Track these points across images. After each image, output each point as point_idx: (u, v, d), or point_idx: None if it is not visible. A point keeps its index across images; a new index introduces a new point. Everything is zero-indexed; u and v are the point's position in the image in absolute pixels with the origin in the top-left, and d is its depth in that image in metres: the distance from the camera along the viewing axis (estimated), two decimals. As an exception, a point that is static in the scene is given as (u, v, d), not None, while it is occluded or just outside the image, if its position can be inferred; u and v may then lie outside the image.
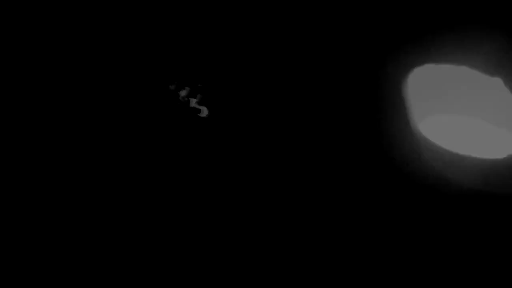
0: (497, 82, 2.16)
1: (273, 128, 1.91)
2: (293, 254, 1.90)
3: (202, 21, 2.01)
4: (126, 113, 1.89)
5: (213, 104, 1.88)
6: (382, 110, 2.10)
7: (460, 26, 2.19)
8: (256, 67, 1.97)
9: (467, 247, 1.95)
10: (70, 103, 2.00)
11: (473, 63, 2.13)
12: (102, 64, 1.96)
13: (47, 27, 2.07)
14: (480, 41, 2.14)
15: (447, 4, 2.20)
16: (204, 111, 1.87)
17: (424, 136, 2.09)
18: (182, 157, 1.86)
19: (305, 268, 1.90)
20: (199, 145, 1.86)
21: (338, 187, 1.97)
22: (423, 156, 2.03)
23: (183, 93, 1.89)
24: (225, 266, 1.89)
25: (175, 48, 1.97)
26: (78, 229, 1.90)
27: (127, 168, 1.88)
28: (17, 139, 1.97)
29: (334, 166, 1.97)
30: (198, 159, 1.86)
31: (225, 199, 1.86)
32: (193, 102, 1.88)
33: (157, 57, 1.95)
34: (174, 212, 1.88)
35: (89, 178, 1.93)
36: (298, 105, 1.96)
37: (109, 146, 1.91)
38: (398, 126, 2.07)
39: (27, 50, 2.03)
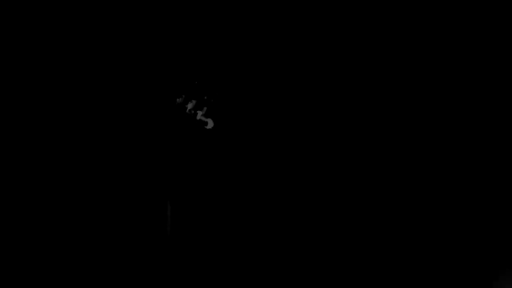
0: None
1: (275, 140, 2.04)
2: (293, 253, 1.99)
3: (207, 39, 2.06)
4: (133, 123, 2.01)
5: (218, 116, 2.01)
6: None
7: None
8: (259, 81, 2.05)
9: (467, 247, 1.98)
10: (77, 111, 2.06)
11: None
12: (113, 77, 2.03)
13: (47, 27, 2.06)
14: None
15: None
16: (210, 123, 2.02)
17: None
18: (189, 164, 2.02)
19: (305, 267, 1.98)
20: (205, 155, 2.02)
21: (338, 187, 2.04)
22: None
23: (190, 106, 2.01)
24: (225, 266, 1.98)
25: (182, 63, 2.04)
26: (78, 229, 1.96)
27: (132, 177, 2.02)
28: (17, 139, 1.99)
29: (334, 166, 2.05)
30: (204, 167, 2.02)
31: (228, 205, 2.02)
32: (199, 115, 2.01)
33: (165, 72, 2.04)
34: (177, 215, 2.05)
35: (90, 182, 2.01)
36: (298, 121, 2.07)
37: (116, 156, 2.02)
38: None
39: (27, 50, 2.04)
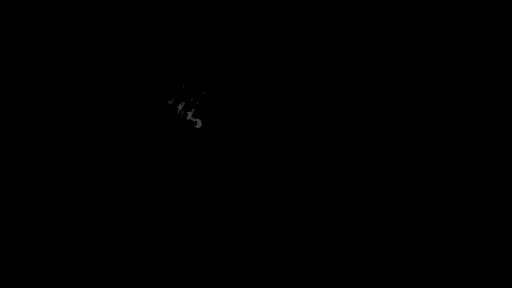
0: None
1: (262, 137, 2.21)
2: (293, 253, 2.02)
3: (198, 41, 2.23)
4: (126, 123, 2.21)
5: (206, 117, 2.20)
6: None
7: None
8: (246, 83, 2.22)
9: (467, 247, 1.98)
10: (72, 111, 2.13)
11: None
12: (105, 78, 2.23)
13: (48, 27, 2.11)
14: None
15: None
16: (199, 123, 2.20)
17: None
18: (180, 162, 2.21)
19: (305, 267, 2.01)
20: (195, 152, 2.21)
21: (338, 187, 2.07)
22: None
23: (180, 107, 2.20)
24: (225, 266, 2.02)
25: (172, 67, 2.23)
26: (78, 229, 1.99)
27: (126, 177, 2.14)
28: (17, 139, 2.02)
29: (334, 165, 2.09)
30: (194, 164, 2.20)
31: (221, 204, 2.16)
32: (189, 115, 2.20)
33: (156, 75, 2.23)
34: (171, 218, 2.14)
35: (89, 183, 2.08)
36: (287, 119, 2.22)
37: (108, 157, 2.15)
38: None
39: (27, 50, 2.08)
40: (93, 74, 2.22)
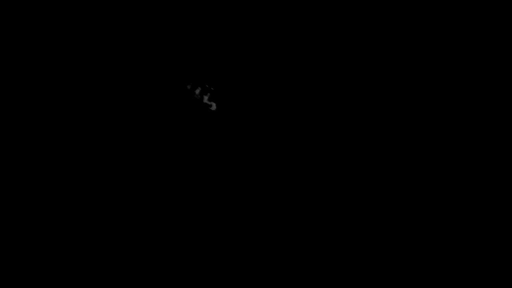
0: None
1: (268, 122, 2.46)
2: (294, 253, 2.05)
3: (213, 36, 2.51)
4: (150, 107, 2.49)
5: (220, 101, 2.47)
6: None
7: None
8: (256, 73, 2.49)
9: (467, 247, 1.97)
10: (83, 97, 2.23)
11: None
12: (125, 68, 2.51)
13: (52, 27, 2.15)
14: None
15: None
16: (213, 106, 2.47)
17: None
18: (195, 140, 2.47)
19: (305, 266, 2.03)
20: (209, 130, 2.48)
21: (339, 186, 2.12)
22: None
23: (197, 91, 2.48)
24: (225, 266, 2.03)
25: (192, 57, 2.51)
26: (78, 229, 2.00)
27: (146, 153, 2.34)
28: (17, 139, 2.03)
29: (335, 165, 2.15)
30: (208, 143, 2.47)
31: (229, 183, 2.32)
32: (205, 99, 2.48)
33: (178, 64, 2.51)
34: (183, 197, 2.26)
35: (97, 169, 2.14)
36: (294, 105, 2.45)
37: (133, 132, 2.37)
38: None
39: (27, 50, 2.12)
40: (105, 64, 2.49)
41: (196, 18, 2.51)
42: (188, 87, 2.47)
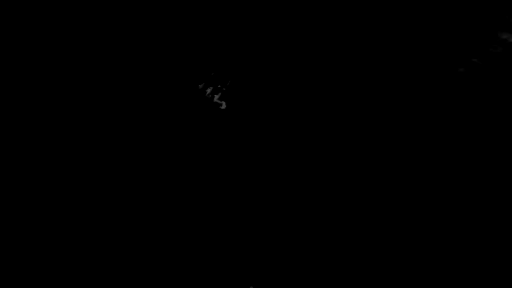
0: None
1: (274, 120, 2.75)
2: (295, 253, 2.13)
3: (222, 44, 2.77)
4: (166, 106, 2.70)
5: (229, 100, 2.76)
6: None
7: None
8: (260, 75, 2.78)
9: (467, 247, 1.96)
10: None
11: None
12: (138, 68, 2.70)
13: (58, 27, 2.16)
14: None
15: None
16: (223, 105, 2.75)
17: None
18: (205, 136, 2.72)
19: (305, 266, 2.08)
20: (219, 127, 2.74)
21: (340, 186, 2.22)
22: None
23: (208, 91, 2.74)
24: (225, 266, 2.07)
25: (205, 59, 2.76)
26: (78, 229, 1.98)
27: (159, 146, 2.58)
28: (17, 139, 2.01)
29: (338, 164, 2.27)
30: (217, 138, 2.72)
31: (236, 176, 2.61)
32: (215, 98, 2.75)
33: (191, 64, 2.75)
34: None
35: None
36: (299, 105, 2.78)
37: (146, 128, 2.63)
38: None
39: (27, 50, 2.13)
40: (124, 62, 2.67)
41: (210, 19, 2.75)
42: (200, 86, 2.72)
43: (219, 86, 2.74)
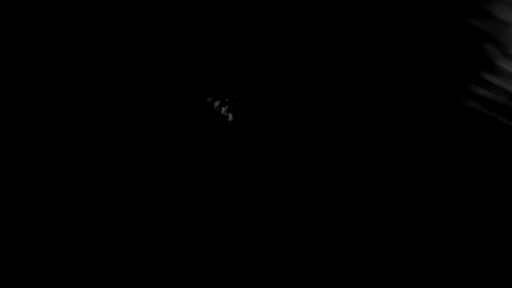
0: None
1: (279, 129, 2.91)
2: (295, 253, 2.23)
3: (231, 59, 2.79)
4: (175, 117, 2.79)
5: (236, 113, 2.86)
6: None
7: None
8: (266, 89, 2.87)
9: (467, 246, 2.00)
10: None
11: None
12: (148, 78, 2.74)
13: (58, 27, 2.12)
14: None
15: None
16: (230, 117, 2.86)
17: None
18: (212, 146, 2.86)
19: (305, 266, 2.15)
20: (225, 138, 2.88)
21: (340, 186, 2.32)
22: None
23: (216, 104, 2.83)
24: (225, 266, 2.10)
25: (215, 75, 2.80)
26: (78, 229, 1.99)
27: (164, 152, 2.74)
28: (17, 139, 2.00)
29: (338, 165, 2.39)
30: (223, 148, 2.87)
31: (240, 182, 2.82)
32: (223, 111, 2.84)
33: (199, 80, 2.79)
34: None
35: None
36: (305, 114, 2.88)
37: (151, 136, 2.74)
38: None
39: (27, 50, 2.09)
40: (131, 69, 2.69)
41: (218, 33, 2.75)
42: (209, 99, 2.80)
43: (227, 100, 2.83)
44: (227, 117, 2.85)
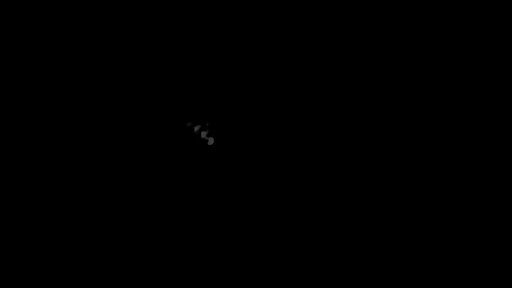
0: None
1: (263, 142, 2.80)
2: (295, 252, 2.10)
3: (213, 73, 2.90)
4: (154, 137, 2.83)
5: (216, 137, 2.83)
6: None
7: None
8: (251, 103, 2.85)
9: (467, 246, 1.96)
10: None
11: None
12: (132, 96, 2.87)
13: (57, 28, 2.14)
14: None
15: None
16: (211, 141, 2.83)
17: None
18: (192, 168, 2.79)
19: (305, 266, 2.05)
20: (207, 161, 2.81)
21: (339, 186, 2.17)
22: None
23: (196, 128, 2.84)
24: (225, 266, 2.06)
25: (196, 101, 2.89)
26: (78, 229, 2.00)
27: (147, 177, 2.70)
28: (17, 139, 2.02)
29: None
30: (205, 170, 2.79)
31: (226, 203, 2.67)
32: (203, 135, 2.83)
33: (179, 104, 2.88)
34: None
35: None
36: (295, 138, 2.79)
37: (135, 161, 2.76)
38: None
39: (27, 50, 2.11)
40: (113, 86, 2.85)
41: (201, 53, 2.89)
42: (188, 124, 2.83)
43: (207, 124, 2.83)
44: (207, 141, 2.82)
